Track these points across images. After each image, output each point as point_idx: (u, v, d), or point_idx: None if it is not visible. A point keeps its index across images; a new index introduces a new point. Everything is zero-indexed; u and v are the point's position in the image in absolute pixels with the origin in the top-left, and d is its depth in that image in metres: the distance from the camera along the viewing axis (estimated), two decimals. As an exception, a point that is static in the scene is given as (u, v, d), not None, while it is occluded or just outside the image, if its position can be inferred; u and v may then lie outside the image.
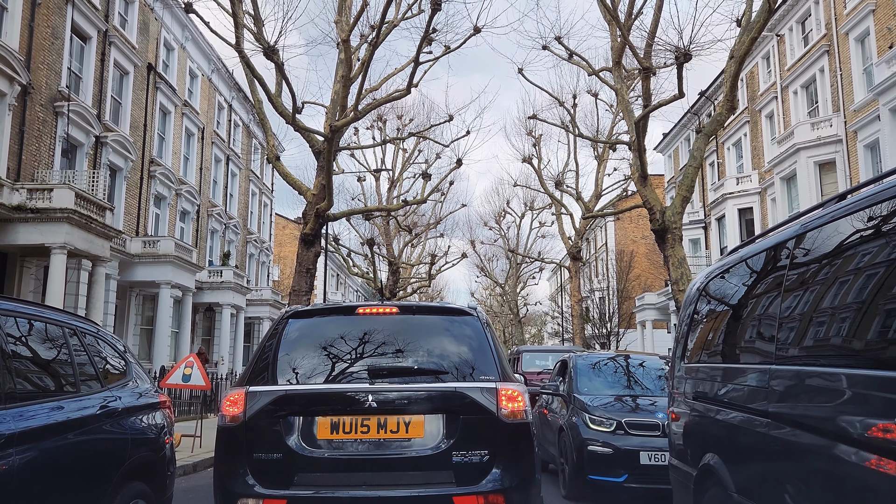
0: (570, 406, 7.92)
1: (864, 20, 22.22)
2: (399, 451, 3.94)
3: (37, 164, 18.32)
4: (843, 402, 2.72)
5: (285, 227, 51.55)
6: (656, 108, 15.71)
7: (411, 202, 27.63)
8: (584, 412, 7.47)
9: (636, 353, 9.93)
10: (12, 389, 3.32)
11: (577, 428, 7.43)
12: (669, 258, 15.21)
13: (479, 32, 18.10)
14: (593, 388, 8.17)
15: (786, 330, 3.32)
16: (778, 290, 3.51)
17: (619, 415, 7.30)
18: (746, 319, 3.96)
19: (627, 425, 7.14)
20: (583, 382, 8.32)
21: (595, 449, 7.11)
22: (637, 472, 6.89)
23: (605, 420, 7.25)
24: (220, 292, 28.39)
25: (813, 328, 3.10)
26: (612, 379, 8.66)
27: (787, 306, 3.34)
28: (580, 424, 7.41)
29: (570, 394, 8.13)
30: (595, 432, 7.21)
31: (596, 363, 8.95)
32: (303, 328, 4.55)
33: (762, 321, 3.70)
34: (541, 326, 74.65)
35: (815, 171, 24.07)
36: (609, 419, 7.24)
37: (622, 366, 9.09)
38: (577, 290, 34.97)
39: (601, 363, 9.02)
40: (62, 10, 19.28)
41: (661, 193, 38.39)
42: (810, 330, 3.11)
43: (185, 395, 19.16)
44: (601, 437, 7.15)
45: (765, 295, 3.78)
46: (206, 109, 30.33)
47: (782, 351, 3.30)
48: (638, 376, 8.68)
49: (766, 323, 3.63)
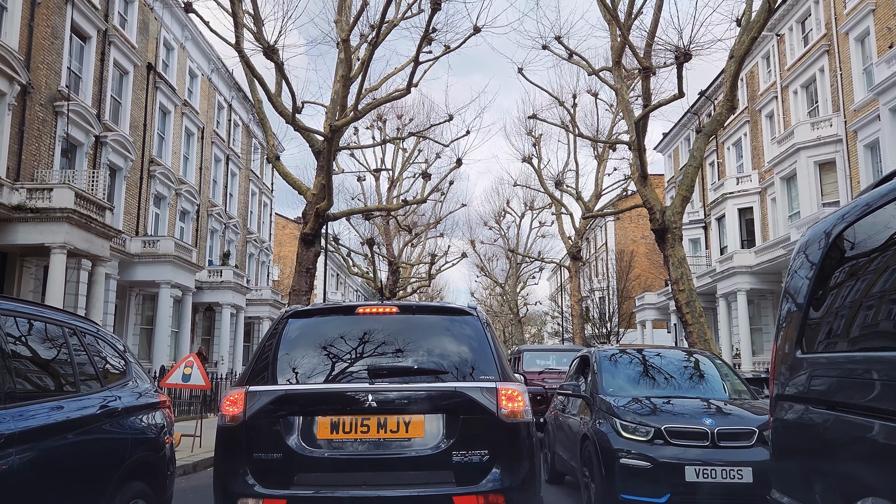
0: (595, 409, 6.80)
1: (864, 20, 22.21)
2: (399, 450, 3.94)
3: (36, 163, 18.31)
4: None
5: (285, 227, 51.54)
6: (656, 108, 15.71)
7: (411, 202, 27.63)
8: (613, 417, 6.32)
9: (671, 349, 8.58)
10: (12, 389, 3.32)
11: (605, 436, 6.23)
12: (669, 258, 15.21)
13: (479, 32, 18.10)
14: (622, 388, 7.05)
15: None
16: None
17: (656, 420, 6.10)
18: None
19: (668, 433, 5.93)
20: (609, 381, 7.17)
21: (629, 462, 5.91)
22: (683, 490, 5.70)
23: (640, 426, 6.06)
24: (220, 292, 28.39)
25: None
26: (644, 377, 7.46)
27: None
28: (609, 432, 6.23)
29: (594, 395, 7.02)
30: (628, 441, 6.03)
31: (623, 358, 7.78)
32: (303, 328, 4.54)
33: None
34: (541, 326, 74.66)
35: (815, 171, 24.06)
36: (645, 425, 6.05)
37: (655, 362, 7.82)
38: (577, 289, 34.97)
39: (630, 359, 7.81)
40: (62, 10, 19.27)
41: (661, 193, 38.36)
42: None
43: (185, 395, 19.16)
44: (636, 448, 5.95)
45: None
46: (205, 109, 30.32)
47: None
48: (674, 374, 7.48)
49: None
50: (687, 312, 14.66)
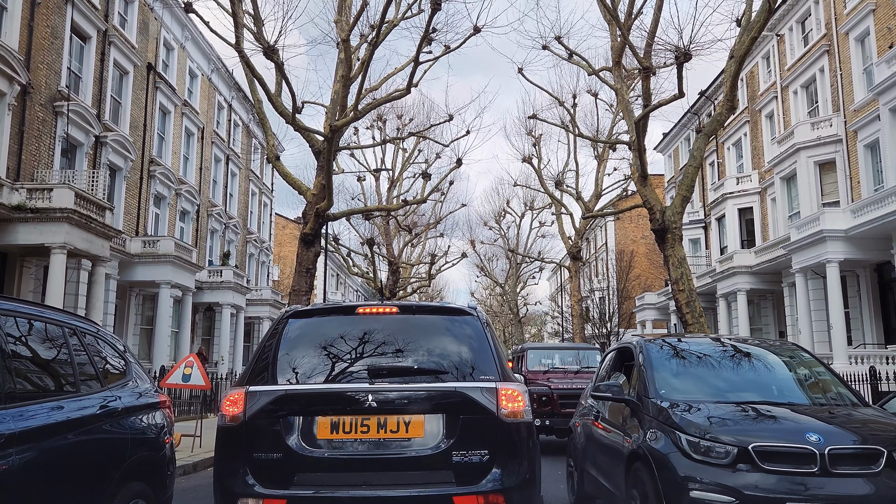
0: (646, 419, 5.08)
1: (864, 20, 22.22)
2: (399, 450, 3.94)
3: (36, 163, 18.32)
4: None
5: (285, 227, 51.55)
6: (656, 108, 15.72)
7: (411, 202, 27.64)
8: (675, 430, 4.63)
9: (742, 339, 6.64)
10: (12, 389, 3.32)
11: (664, 458, 4.55)
12: (669, 258, 15.22)
13: (479, 32, 18.11)
14: (682, 391, 5.28)
15: None
16: None
17: (739, 435, 4.40)
18: None
19: (759, 454, 4.24)
20: (664, 381, 5.38)
21: (704, 497, 4.24)
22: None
23: (717, 444, 4.37)
24: (220, 292, 28.40)
25: None
26: (711, 376, 5.59)
27: None
28: (670, 452, 4.54)
29: (644, 399, 5.28)
30: (700, 466, 4.36)
31: (681, 351, 5.96)
32: (303, 328, 4.55)
33: None
34: (541, 326, 74.70)
35: (815, 171, 24.07)
36: (724, 443, 4.35)
37: (722, 355, 5.94)
38: (577, 289, 34.99)
39: (689, 351, 5.97)
40: (62, 10, 19.27)
41: (661, 193, 38.37)
42: None
43: (185, 395, 19.15)
44: (712, 476, 4.28)
45: None
46: (205, 109, 30.33)
47: None
48: (751, 372, 5.69)
49: None
50: (687, 312, 14.67)
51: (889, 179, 20.08)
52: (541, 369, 13.46)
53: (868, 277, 22.03)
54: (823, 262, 20.48)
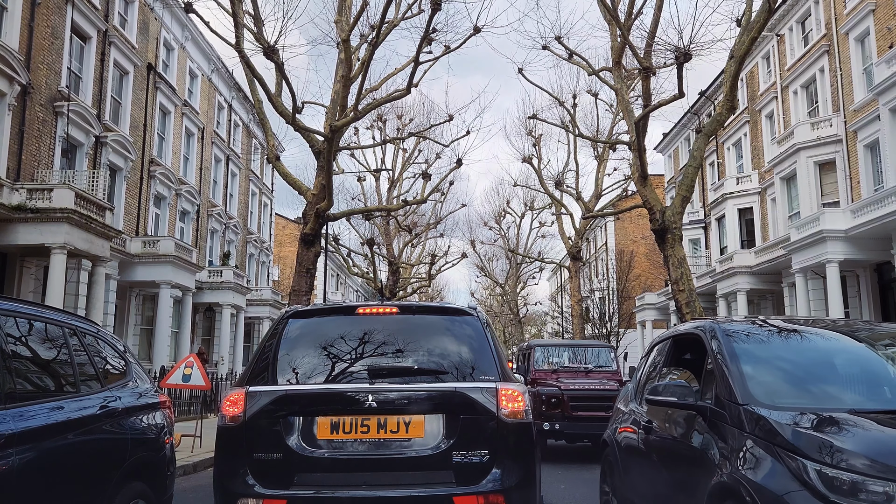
0: (734, 433, 3.57)
1: (864, 20, 22.21)
2: (399, 451, 3.94)
3: (37, 164, 18.32)
4: None
5: (285, 227, 51.55)
6: (656, 108, 15.73)
7: (411, 202, 27.65)
8: (798, 456, 3.07)
9: (837, 322, 5.09)
10: (12, 389, 3.32)
11: (780, 501, 3.01)
12: (669, 258, 15.22)
13: (479, 32, 18.11)
14: (787, 395, 3.74)
15: None
16: None
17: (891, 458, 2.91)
18: None
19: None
20: (759, 381, 3.80)
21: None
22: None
23: (869, 478, 2.84)
24: (220, 292, 28.39)
25: None
26: (820, 373, 4.06)
27: None
28: (793, 490, 3.00)
29: (730, 405, 3.71)
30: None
31: (772, 340, 4.42)
32: (303, 328, 4.55)
33: None
34: (541, 326, 74.66)
35: (815, 171, 24.06)
36: (876, 473, 2.85)
37: (827, 346, 4.32)
38: (577, 290, 35.00)
39: (784, 340, 4.41)
40: (62, 10, 19.27)
41: (661, 193, 38.35)
42: None
43: (185, 395, 19.15)
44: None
45: None
46: (206, 109, 30.33)
47: None
48: (867, 370, 4.06)
49: None
50: (687, 312, 14.66)
51: (889, 179, 20.08)
52: (549, 368, 12.56)
53: (868, 278, 22.02)
54: (823, 262, 20.48)
